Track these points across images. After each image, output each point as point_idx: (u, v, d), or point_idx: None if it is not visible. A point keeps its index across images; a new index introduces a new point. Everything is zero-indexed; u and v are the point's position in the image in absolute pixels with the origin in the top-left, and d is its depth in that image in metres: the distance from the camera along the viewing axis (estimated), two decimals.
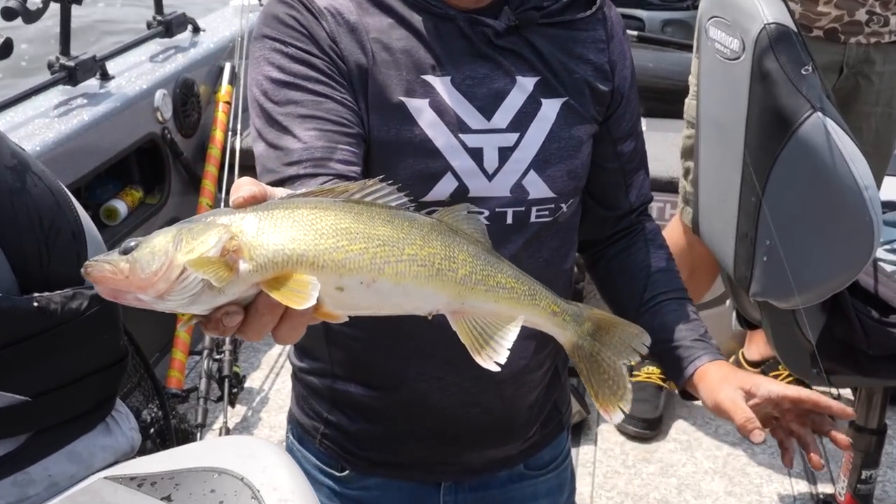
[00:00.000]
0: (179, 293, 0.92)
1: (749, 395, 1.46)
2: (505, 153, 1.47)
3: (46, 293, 1.61)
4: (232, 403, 3.04)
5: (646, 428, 3.17)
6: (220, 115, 3.54)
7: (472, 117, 1.46)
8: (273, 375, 3.38)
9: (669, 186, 3.27)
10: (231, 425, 2.99)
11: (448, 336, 1.49)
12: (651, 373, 3.25)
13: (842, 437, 1.44)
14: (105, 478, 1.61)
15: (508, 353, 1.04)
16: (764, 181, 2.06)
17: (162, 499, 1.53)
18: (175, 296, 0.92)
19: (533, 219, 1.50)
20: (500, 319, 1.07)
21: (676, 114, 3.06)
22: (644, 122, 1.70)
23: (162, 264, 0.91)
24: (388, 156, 1.43)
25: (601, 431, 3.18)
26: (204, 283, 0.91)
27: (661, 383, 3.24)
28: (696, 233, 2.52)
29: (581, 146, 1.53)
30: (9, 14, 2.74)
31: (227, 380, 3.01)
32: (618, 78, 1.59)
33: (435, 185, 1.43)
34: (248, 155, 3.50)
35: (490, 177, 1.46)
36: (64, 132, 2.78)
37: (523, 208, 1.48)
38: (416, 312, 1.03)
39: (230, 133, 3.50)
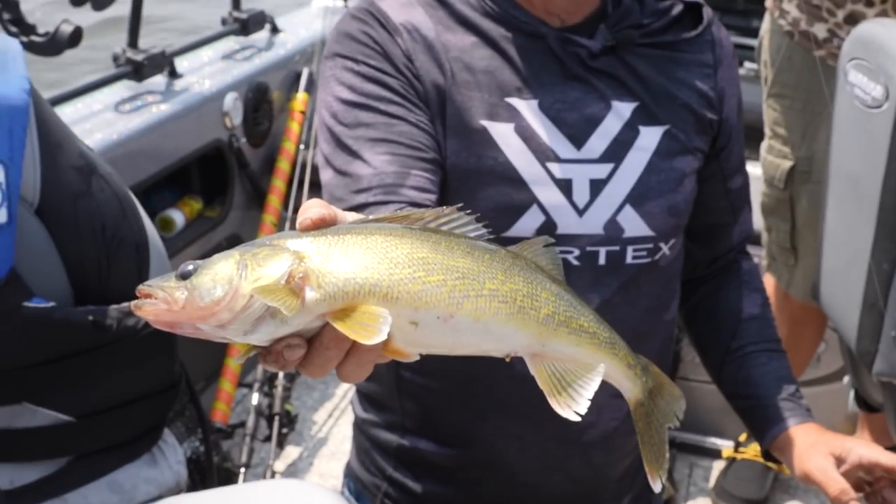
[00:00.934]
0: (242, 323, 0.94)
1: (839, 460, 1.49)
2: (597, 186, 1.48)
3: (103, 307, 1.67)
4: (280, 444, 3.09)
5: None
6: (294, 126, 3.61)
7: (561, 145, 1.47)
8: (328, 417, 3.43)
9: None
10: (277, 468, 3.03)
11: (530, 391, 1.51)
12: (759, 451, 3.22)
13: None
14: None
15: (589, 402, 1.06)
16: None
17: None
18: (237, 325, 0.94)
19: (629, 260, 1.51)
20: (579, 366, 1.09)
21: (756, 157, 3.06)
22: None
23: (226, 293, 0.93)
24: (468, 184, 1.45)
25: None
26: (266, 312, 0.93)
27: (770, 464, 3.22)
28: (815, 299, 2.51)
29: (683, 179, 1.54)
30: (78, 0, 2.85)
31: (277, 418, 3.06)
32: (726, 107, 1.61)
33: (519, 218, 1.45)
34: (318, 171, 3.56)
35: (581, 212, 1.47)
36: (125, 132, 2.87)
37: (618, 248, 1.50)
38: (493, 354, 1.05)
39: (302, 146, 3.57)
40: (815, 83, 2.75)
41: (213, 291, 0.93)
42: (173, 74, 3.25)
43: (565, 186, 1.47)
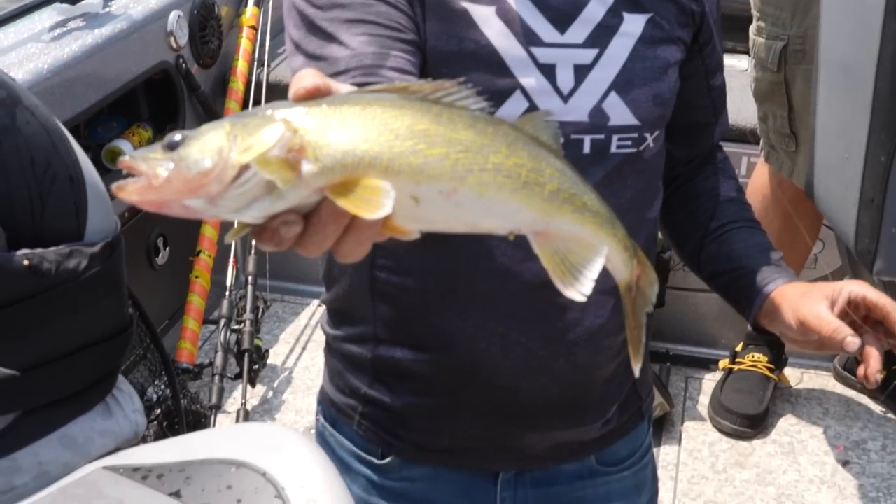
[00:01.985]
0: (234, 198, 0.91)
1: (832, 303, 1.49)
2: (582, 72, 1.47)
3: (39, 250, 1.61)
4: (252, 382, 3.05)
5: (747, 425, 3.15)
6: (245, 43, 3.54)
7: (544, 29, 1.46)
8: (301, 350, 3.40)
9: (737, 135, 3.20)
10: (250, 407, 3.00)
11: (513, 286, 1.48)
12: (757, 360, 3.23)
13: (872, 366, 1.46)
14: (104, 467, 1.62)
15: (593, 283, 1.05)
16: None
17: (170, 494, 1.53)
18: (229, 201, 0.91)
19: (614, 149, 1.50)
20: (581, 246, 1.08)
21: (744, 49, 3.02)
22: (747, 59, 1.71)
23: (215, 163, 0.90)
24: (448, 69, 1.43)
25: (687, 429, 3.16)
26: (261, 187, 0.91)
27: (769, 374, 3.21)
28: (810, 196, 2.47)
29: (667, 69, 1.53)
30: None
31: (247, 354, 3.02)
32: (708, 0, 1.59)
33: (502, 104, 1.43)
34: (276, 90, 3.49)
35: (565, 98, 1.46)
36: (60, 59, 2.78)
37: (603, 136, 1.48)
38: (496, 231, 1.03)
39: (256, 64, 3.50)
40: None
41: (202, 162, 0.90)
42: None
43: (549, 71, 1.45)
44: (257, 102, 3.40)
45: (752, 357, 3.24)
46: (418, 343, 1.58)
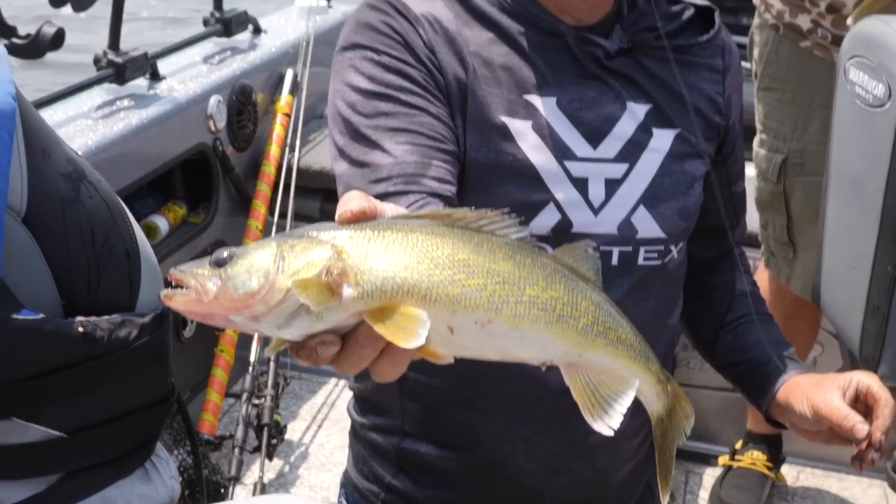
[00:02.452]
0: (276, 316, 0.93)
1: (843, 393, 1.54)
2: (612, 186, 1.50)
3: (93, 318, 1.65)
4: (270, 456, 3.07)
5: None
6: (278, 128, 3.61)
7: (577, 144, 1.49)
8: (317, 427, 3.41)
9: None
10: (266, 480, 3.02)
11: (539, 391, 1.50)
12: (756, 459, 3.24)
13: (868, 455, 1.51)
14: None
15: (622, 417, 1.07)
16: None
17: None
18: (271, 319, 0.93)
19: (641, 261, 1.54)
20: (612, 378, 1.09)
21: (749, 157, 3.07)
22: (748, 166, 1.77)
23: (261, 285, 0.92)
24: (486, 180, 1.47)
25: None
26: (301, 307, 0.92)
27: (767, 472, 3.23)
28: (815, 302, 2.51)
29: (693, 183, 1.57)
30: (58, 1, 2.83)
31: (266, 428, 3.05)
32: (733, 113, 1.66)
33: (535, 216, 1.47)
34: (305, 174, 3.56)
35: (596, 211, 1.50)
36: (108, 136, 2.85)
37: (630, 248, 1.52)
38: (529, 361, 1.04)
39: (287, 149, 3.56)
40: (804, 75, 2.80)
41: (249, 283, 0.92)
42: (155, 77, 3.24)
43: (581, 185, 1.49)
44: (287, 186, 3.45)
45: (752, 455, 3.25)
46: (444, 440, 1.60)
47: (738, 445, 3.30)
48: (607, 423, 1.06)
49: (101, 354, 1.66)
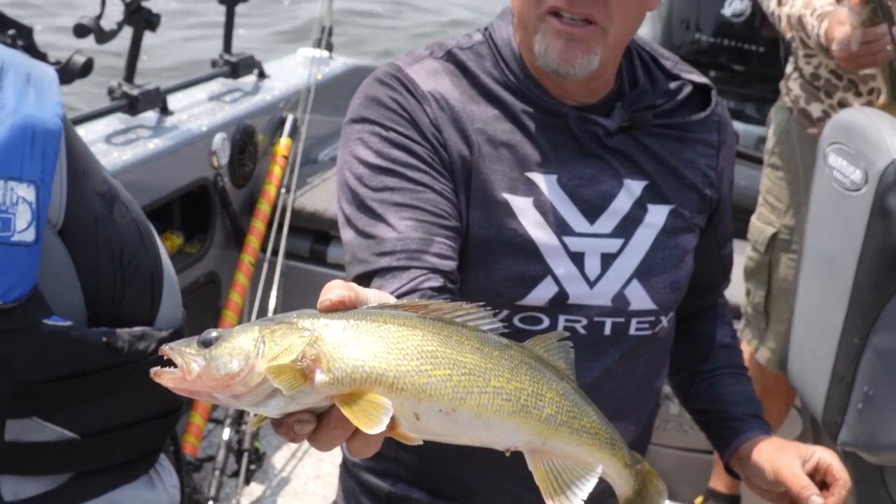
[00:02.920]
0: (255, 396, 0.98)
1: (804, 463, 1.59)
2: (608, 260, 1.54)
3: (116, 329, 1.72)
4: (248, 481, 3.12)
5: None
6: (276, 169, 3.68)
7: (576, 220, 1.53)
8: (292, 457, 3.46)
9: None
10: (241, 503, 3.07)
11: None
12: None
13: None
14: None
15: (583, 503, 1.09)
16: (871, 324, 2.15)
17: None
18: (250, 398, 0.98)
19: (632, 331, 1.57)
20: (577, 463, 1.12)
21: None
22: (735, 243, 1.84)
23: (241, 368, 0.97)
24: (487, 254, 1.50)
25: None
26: (278, 389, 0.97)
27: None
28: (782, 369, 2.60)
29: (685, 256, 1.61)
30: (81, 31, 2.91)
31: (246, 454, 3.09)
32: (724, 185, 1.70)
33: (533, 288, 1.51)
34: (299, 215, 3.63)
35: (591, 284, 1.53)
36: (117, 163, 2.92)
37: (623, 319, 1.56)
38: (494, 447, 1.08)
39: (283, 189, 3.63)
40: (806, 159, 2.90)
41: (230, 365, 0.97)
42: (165, 111, 3.31)
43: (578, 259, 1.52)
44: (280, 225, 3.52)
45: None
46: (436, 490, 1.62)
47: (698, 501, 3.37)
48: None
49: (120, 364, 1.73)
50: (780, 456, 1.62)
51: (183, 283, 3.35)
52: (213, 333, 1.00)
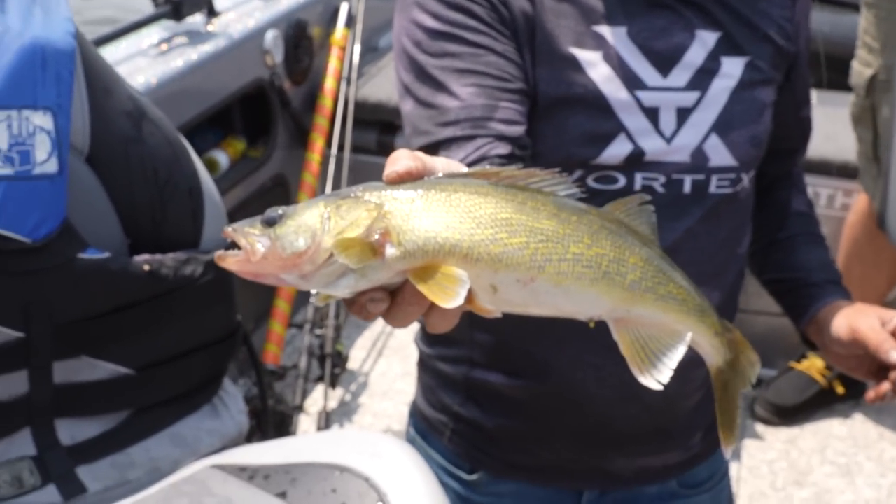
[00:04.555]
0: (324, 276, 0.92)
1: (883, 324, 1.50)
2: (684, 114, 1.45)
3: (158, 255, 1.61)
4: (333, 385, 3.05)
5: (774, 413, 3.20)
6: (334, 62, 3.53)
7: (648, 73, 1.44)
8: (379, 356, 3.38)
9: (843, 171, 3.16)
10: (330, 409, 2.98)
11: None
12: (813, 364, 3.24)
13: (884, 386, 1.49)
14: (212, 466, 1.62)
15: (672, 372, 1.03)
16: None
17: (276, 494, 1.52)
18: (319, 278, 0.92)
19: (713, 189, 1.49)
20: (664, 332, 1.06)
21: (848, 85, 2.99)
22: (815, 94, 1.69)
23: (308, 246, 0.91)
24: (556, 112, 1.42)
25: (746, 446, 3.11)
26: (348, 266, 0.91)
27: (819, 378, 3.22)
28: (881, 227, 2.42)
29: (764, 110, 1.52)
30: None
31: (329, 358, 3.01)
32: (801, 40, 1.59)
33: (607, 146, 1.42)
34: (363, 107, 3.49)
35: (668, 140, 1.45)
36: (166, 73, 2.79)
37: (703, 176, 1.47)
38: (576, 316, 1.02)
39: (344, 82, 3.49)
40: None
41: (296, 243, 0.92)
42: (212, 13, 3.15)
43: (652, 114, 1.44)
44: (344, 119, 3.39)
45: (811, 361, 3.26)
46: (514, 370, 1.56)
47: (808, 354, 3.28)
48: (656, 378, 1.03)
49: (167, 292, 1.62)
50: (858, 316, 1.52)
51: (250, 188, 3.26)
52: (279, 211, 0.94)
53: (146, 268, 1.59)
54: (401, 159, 0.96)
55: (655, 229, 1.08)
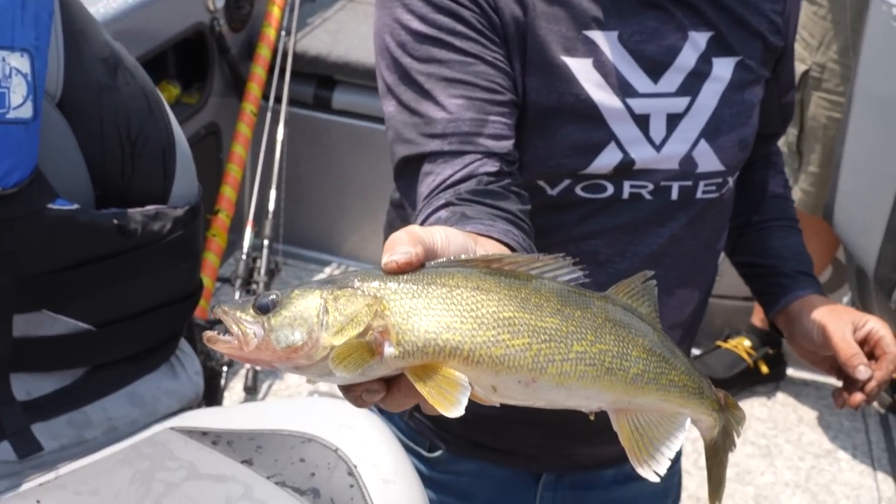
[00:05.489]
0: (320, 369, 0.89)
1: (855, 330, 1.51)
2: (673, 121, 1.43)
3: (128, 209, 1.57)
4: None
5: None
6: (275, 10, 3.46)
7: (638, 80, 1.41)
8: None
9: None
10: (259, 368, 2.96)
11: None
12: (739, 343, 3.34)
13: (857, 398, 1.51)
14: (172, 428, 1.59)
15: (670, 463, 1.01)
16: None
17: (242, 461, 1.50)
18: (314, 370, 0.90)
19: (699, 195, 1.47)
20: (664, 417, 1.04)
21: None
22: None
23: (304, 341, 0.88)
24: (547, 122, 1.39)
25: None
26: None
27: (745, 357, 3.31)
28: (828, 219, 2.48)
29: (752, 112, 1.50)
30: None
31: None
32: (790, 32, 1.57)
33: (597, 156, 1.40)
34: (301, 59, 3.44)
35: (658, 147, 1.42)
36: (104, 14, 2.70)
37: (690, 183, 1.46)
38: (578, 409, 1.00)
39: (283, 32, 3.43)
40: None
41: (291, 337, 0.88)
42: None
43: (643, 122, 1.41)
44: (282, 71, 3.34)
45: (737, 340, 3.34)
46: None
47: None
48: (654, 469, 1.00)
49: (135, 247, 1.58)
50: (832, 319, 1.53)
51: (184, 135, 3.19)
52: (272, 296, 0.90)
53: (114, 221, 1.54)
54: (400, 245, 0.92)
55: (656, 304, 1.07)
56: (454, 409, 0.87)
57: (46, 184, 1.47)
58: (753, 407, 3.27)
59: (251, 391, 2.89)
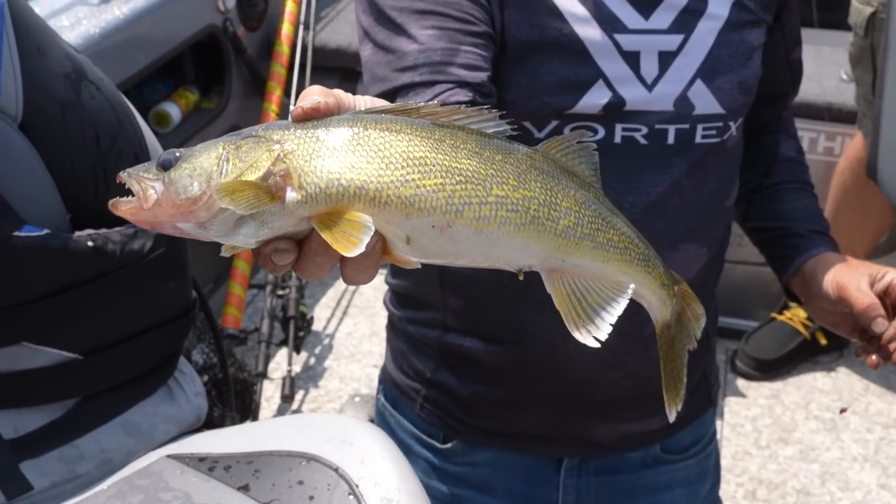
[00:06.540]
0: (222, 223, 0.86)
1: (872, 281, 1.44)
2: (666, 59, 1.38)
3: (103, 230, 1.51)
4: (297, 349, 2.96)
5: (755, 368, 3.16)
6: (290, 5, 3.41)
7: (628, 14, 1.37)
8: (341, 314, 3.29)
9: (825, 114, 3.08)
10: (294, 374, 2.90)
11: None
12: (795, 315, 3.20)
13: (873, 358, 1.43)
14: (168, 456, 1.53)
15: (611, 328, 0.95)
16: None
17: (238, 488, 1.44)
18: (217, 225, 0.86)
19: (699, 139, 1.42)
20: (605, 284, 0.97)
21: (837, 23, 2.90)
22: (803, 32, 1.60)
23: (202, 191, 0.85)
24: (529, 58, 1.35)
25: (729, 403, 3.05)
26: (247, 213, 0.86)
27: (802, 329, 3.18)
28: (872, 177, 2.35)
29: (752, 53, 1.45)
30: None
31: (292, 321, 2.92)
32: None
33: (584, 94, 1.35)
34: (321, 53, 3.38)
35: (649, 87, 1.38)
36: (111, 22, 2.66)
37: (688, 126, 1.41)
38: (503, 267, 0.94)
39: (301, 27, 3.37)
40: None
41: (190, 188, 0.86)
42: None
43: (633, 59, 1.37)
44: (303, 66, 3.28)
45: (793, 311, 3.22)
46: (489, 334, 1.50)
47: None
48: (593, 334, 0.94)
49: (114, 269, 1.52)
50: (846, 272, 1.46)
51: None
52: (176, 153, 0.88)
53: (90, 244, 1.48)
54: (310, 94, 0.89)
55: (597, 170, 1.00)
56: (355, 249, 0.83)
57: (11, 211, 1.41)
58: (816, 379, 3.14)
59: (288, 399, 2.83)
